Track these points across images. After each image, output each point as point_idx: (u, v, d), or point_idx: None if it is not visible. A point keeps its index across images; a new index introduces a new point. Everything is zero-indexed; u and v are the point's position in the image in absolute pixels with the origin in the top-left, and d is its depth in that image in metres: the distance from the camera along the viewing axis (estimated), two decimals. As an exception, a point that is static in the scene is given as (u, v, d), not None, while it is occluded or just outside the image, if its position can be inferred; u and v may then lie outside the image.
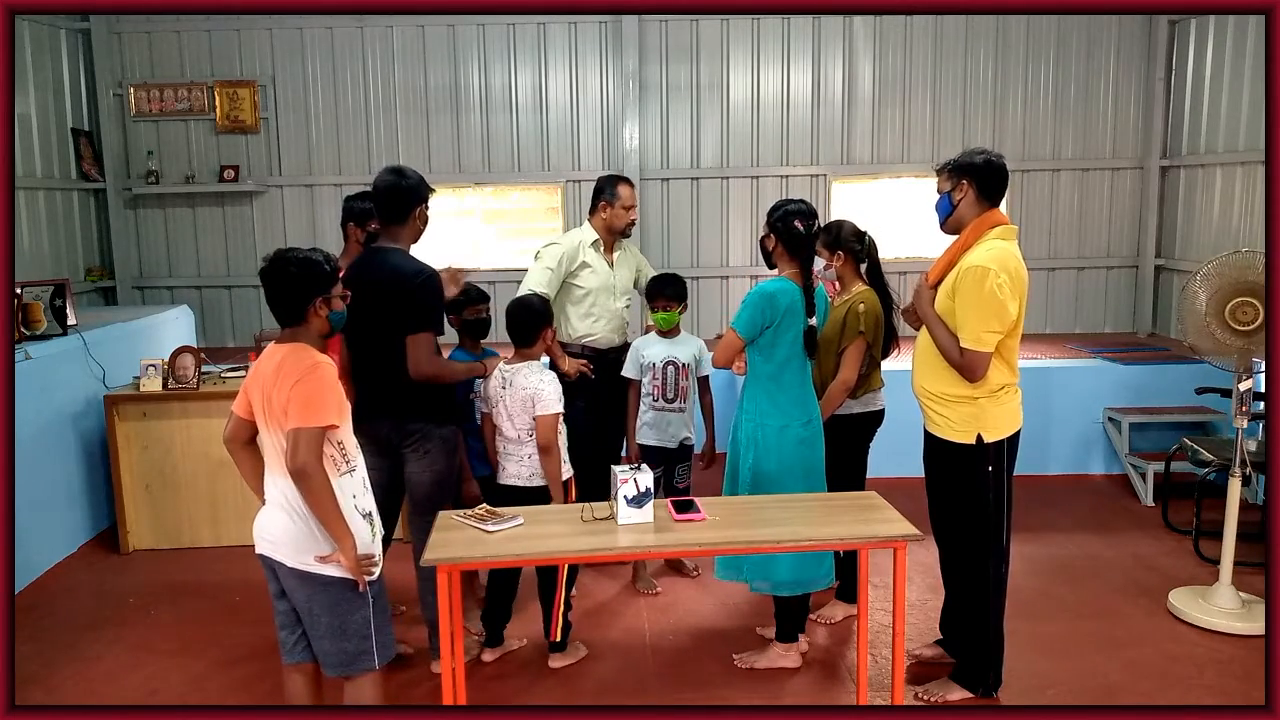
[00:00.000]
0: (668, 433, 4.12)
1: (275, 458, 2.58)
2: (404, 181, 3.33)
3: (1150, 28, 6.87)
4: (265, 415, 2.57)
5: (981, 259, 3.01)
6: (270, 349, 2.63)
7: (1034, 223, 7.10)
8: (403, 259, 3.31)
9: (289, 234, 7.10)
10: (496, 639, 3.65)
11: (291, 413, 2.46)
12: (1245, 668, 3.50)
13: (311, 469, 2.44)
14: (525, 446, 3.44)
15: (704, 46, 6.95)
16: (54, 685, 3.51)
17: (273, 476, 2.61)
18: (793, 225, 3.29)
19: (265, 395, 2.55)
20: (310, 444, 2.44)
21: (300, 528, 2.55)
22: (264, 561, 2.67)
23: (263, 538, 2.63)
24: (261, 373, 2.59)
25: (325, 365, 2.55)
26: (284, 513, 2.57)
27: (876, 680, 3.40)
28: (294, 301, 2.58)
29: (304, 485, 2.47)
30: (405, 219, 3.35)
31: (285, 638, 2.72)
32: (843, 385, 3.56)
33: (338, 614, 2.59)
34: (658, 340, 4.14)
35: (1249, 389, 3.85)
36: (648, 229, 7.04)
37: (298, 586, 2.59)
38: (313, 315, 2.60)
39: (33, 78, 6.29)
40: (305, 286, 2.57)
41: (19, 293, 4.65)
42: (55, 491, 4.65)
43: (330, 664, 2.66)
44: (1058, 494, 5.52)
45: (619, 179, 4.20)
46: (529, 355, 3.48)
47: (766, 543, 2.89)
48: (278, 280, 2.57)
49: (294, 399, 2.46)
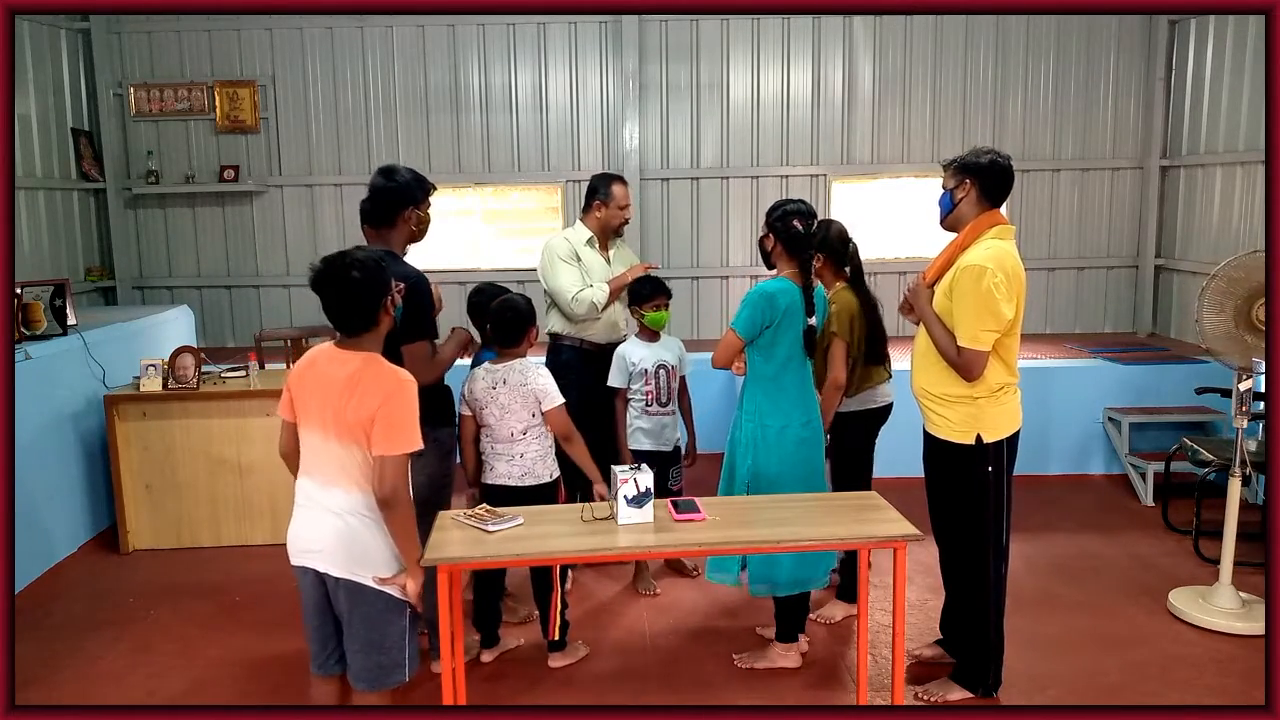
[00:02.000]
0: (663, 437, 4.09)
1: (338, 468, 2.46)
2: (390, 182, 3.25)
3: (1150, 28, 6.87)
4: (327, 424, 2.44)
5: (979, 258, 3.01)
6: (334, 353, 2.50)
7: (1034, 223, 7.10)
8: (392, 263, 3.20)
9: (289, 234, 7.11)
10: (492, 639, 3.65)
11: (380, 437, 2.37)
12: (1245, 668, 3.50)
13: (402, 496, 2.39)
14: (518, 445, 3.43)
15: (704, 46, 6.95)
16: (54, 685, 3.51)
17: (329, 486, 2.48)
18: (792, 225, 3.28)
19: (331, 406, 2.42)
20: (400, 471, 2.38)
21: (358, 539, 2.47)
22: (304, 572, 2.56)
23: (308, 549, 2.52)
24: (325, 378, 2.46)
25: (410, 385, 2.45)
26: (340, 521, 2.47)
27: (876, 680, 3.40)
28: (367, 306, 2.45)
29: (392, 513, 2.41)
30: (393, 221, 3.26)
31: (318, 650, 2.65)
32: (834, 386, 3.58)
33: (377, 627, 2.53)
34: (643, 344, 4.08)
35: (1249, 389, 3.85)
36: (648, 229, 7.04)
37: (344, 597, 2.52)
38: (383, 317, 2.51)
39: (33, 78, 6.29)
40: (375, 289, 2.46)
41: (19, 293, 4.65)
42: (55, 491, 4.65)
43: (363, 679, 2.58)
44: (1058, 494, 5.52)
45: (613, 178, 4.18)
46: (514, 355, 3.45)
47: (766, 543, 2.89)
48: (343, 287, 2.43)
49: (382, 421, 2.36)
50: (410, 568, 2.51)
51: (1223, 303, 3.87)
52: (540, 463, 3.45)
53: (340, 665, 2.66)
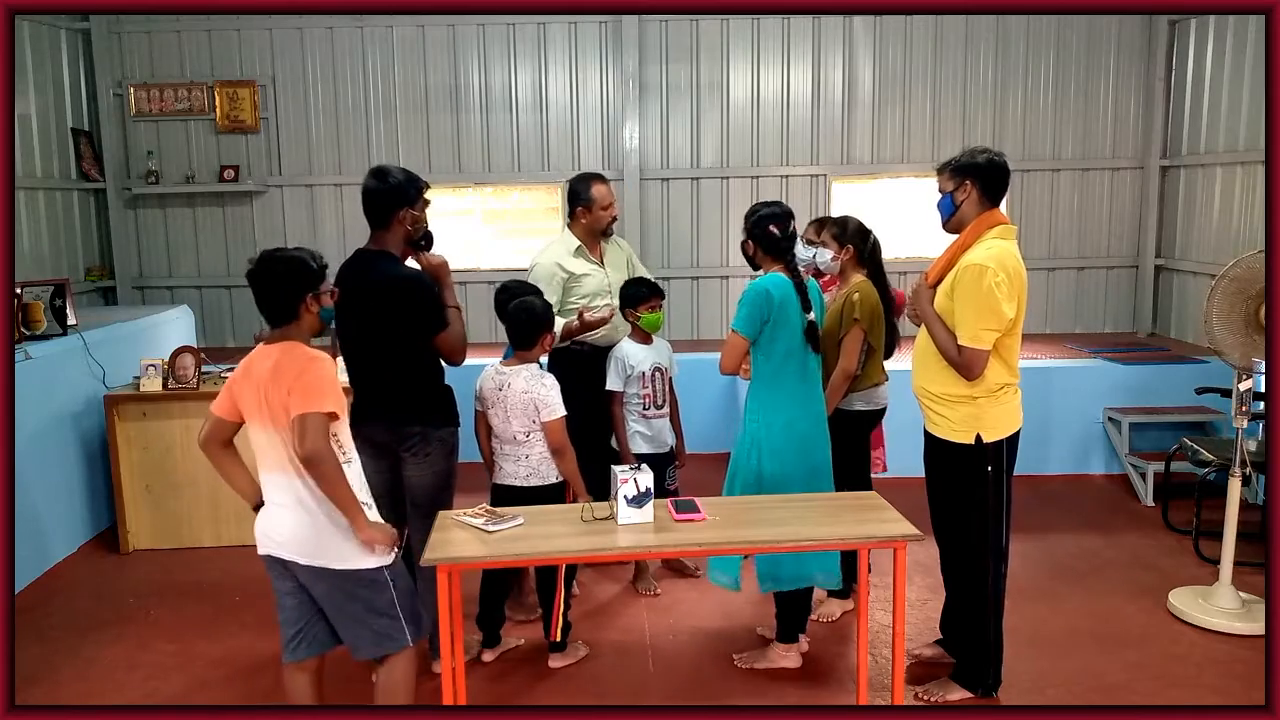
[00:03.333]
0: (659, 439, 4.08)
1: (276, 457, 2.59)
2: (382, 184, 3.24)
3: (1150, 28, 6.87)
4: (263, 415, 2.57)
5: (980, 257, 3.02)
6: (262, 350, 2.63)
7: (1034, 223, 7.10)
8: (391, 265, 3.25)
9: (289, 234, 7.10)
10: (494, 639, 3.65)
11: (295, 402, 2.48)
12: (1245, 668, 3.50)
13: (323, 451, 2.47)
14: (522, 447, 3.44)
15: (704, 46, 6.95)
16: (54, 685, 3.51)
17: (275, 476, 2.61)
18: (768, 230, 3.35)
19: (262, 395, 2.55)
20: (318, 428, 2.47)
21: (310, 524, 2.57)
22: (270, 561, 2.67)
23: (269, 538, 2.64)
24: (255, 373, 2.59)
25: (323, 358, 2.58)
26: (291, 512, 2.59)
27: (876, 680, 3.40)
28: (284, 300, 2.59)
29: (316, 470, 2.49)
30: (388, 223, 3.25)
31: (288, 635, 2.73)
32: (843, 374, 3.60)
33: (361, 599, 2.64)
34: (637, 347, 4.03)
35: (1249, 389, 3.85)
36: (648, 229, 7.04)
37: (315, 582, 2.63)
38: (304, 312, 2.61)
39: (33, 78, 6.29)
40: (294, 284, 2.59)
41: (19, 293, 4.65)
42: (55, 491, 4.65)
43: (362, 648, 2.69)
44: (1058, 494, 5.52)
45: (591, 178, 4.10)
46: (528, 358, 3.47)
47: (766, 543, 2.89)
48: (266, 280, 2.59)
49: (295, 390, 2.49)
50: (354, 520, 2.55)
51: (1233, 304, 3.86)
52: (546, 463, 3.46)
53: (309, 650, 2.74)
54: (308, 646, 2.74)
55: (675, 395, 4.19)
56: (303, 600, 2.70)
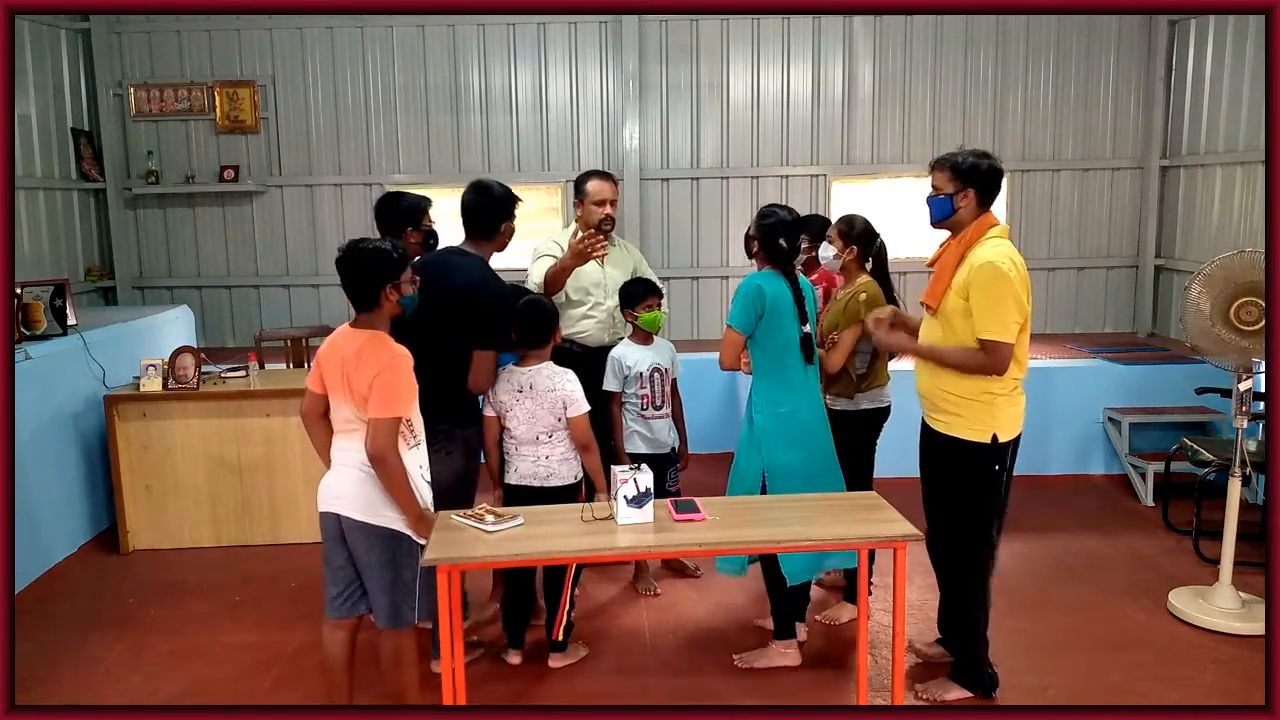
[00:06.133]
0: (659, 439, 4.06)
1: (349, 426, 2.82)
2: (487, 198, 3.50)
3: (1150, 28, 6.87)
4: (344, 390, 2.79)
5: (992, 255, 3.06)
6: (348, 331, 2.85)
7: (1034, 223, 7.08)
8: (481, 271, 3.40)
9: (289, 234, 7.11)
10: (519, 641, 3.63)
11: (373, 402, 2.71)
12: (1245, 668, 3.50)
13: (389, 455, 2.71)
14: (542, 447, 3.42)
15: (704, 46, 6.95)
16: (54, 685, 3.51)
17: (346, 441, 2.84)
18: (777, 242, 3.39)
19: (346, 374, 2.77)
20: (388, 433, 2.71)
21: (372, 484, 2.78)
22: (326, 519, 2.88)
23: (331, 495, 2.86)
24: (342, 352, 2.80)
25: (403, 358, 2.79)
26: (355, 470, 2.81)
27: (876, 680, 3.40)
28: (368, 286, 2.79)
29: (381, 469, 2.73)
30: (494, 234, 3.52)
31: (334, 593, 2.93)
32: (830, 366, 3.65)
33: (393, 567, 2.84)
34: (637, 347, 4.01)
35: (1249, 389, 3.85)
36: (648, 229, 7.04)
37: (360, 539, 2.82)
38: (385, 299, 2.81)
39: (33, 78, 6.29)
40: (378, 272, 2.79)
41: (19, 293, 4.65)
42: (55, 491, 4.65)
43: (382, 616, 2.89)
44: (1058, 494, 5.52)
45: (589, 175, 4.14)
46: (540, 357, 3.45)
47: (767, 543, 2.89)
48: (353, 266, 2.80)
49: (375, 389, 2.71)
50: (409, 513, 2.79)
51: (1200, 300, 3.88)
52: (564, 464, 3.45)
53: (351, 609, 2.93)
54: (350, 606, 2.93)
55: (679, 396, 4.18)
56: (350, 567, 2.89)
